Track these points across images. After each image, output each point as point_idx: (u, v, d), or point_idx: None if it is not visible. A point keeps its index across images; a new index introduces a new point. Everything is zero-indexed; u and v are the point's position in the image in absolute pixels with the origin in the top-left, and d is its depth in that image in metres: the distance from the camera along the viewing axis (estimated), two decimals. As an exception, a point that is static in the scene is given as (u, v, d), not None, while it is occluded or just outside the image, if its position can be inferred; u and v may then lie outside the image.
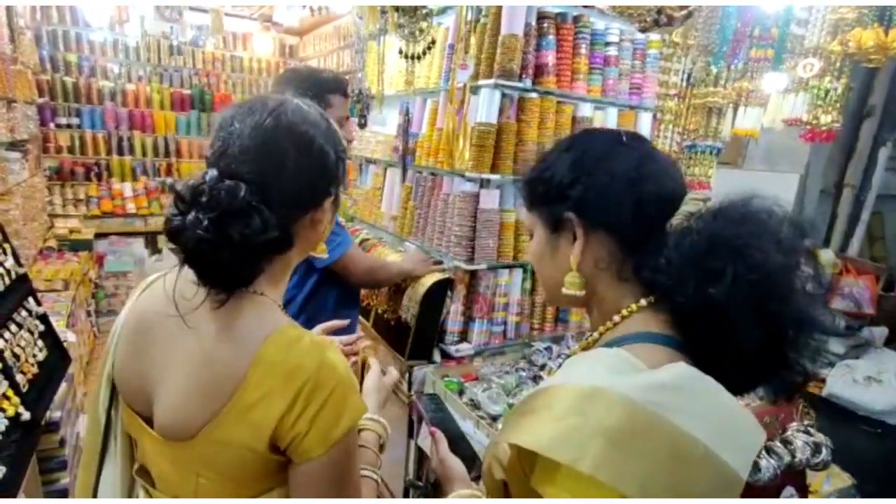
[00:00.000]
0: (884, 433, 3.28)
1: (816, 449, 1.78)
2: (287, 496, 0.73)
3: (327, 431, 0.67)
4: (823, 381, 3.72)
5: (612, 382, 0.55)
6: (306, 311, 1.57)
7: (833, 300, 3.87)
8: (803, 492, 1.88)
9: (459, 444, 0.96)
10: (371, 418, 0.92)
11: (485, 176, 1.80)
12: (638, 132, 0.84)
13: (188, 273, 0.70)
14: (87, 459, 0.86)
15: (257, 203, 0.67)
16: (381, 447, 0.91)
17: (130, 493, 0.85)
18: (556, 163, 0.73)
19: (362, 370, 1.14)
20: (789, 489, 1.82)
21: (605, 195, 0.67)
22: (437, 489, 1.83)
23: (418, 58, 1.94)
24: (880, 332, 3.89)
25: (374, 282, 1.85)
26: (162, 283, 0.78)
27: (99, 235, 4.51)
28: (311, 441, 0.67)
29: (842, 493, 2.33)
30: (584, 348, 0.74)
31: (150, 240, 4.96)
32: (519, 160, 1.84)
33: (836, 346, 3.78)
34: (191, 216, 0.65)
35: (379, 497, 0.84)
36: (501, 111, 1.78)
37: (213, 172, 0.68)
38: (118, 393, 0.81)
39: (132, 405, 0.78)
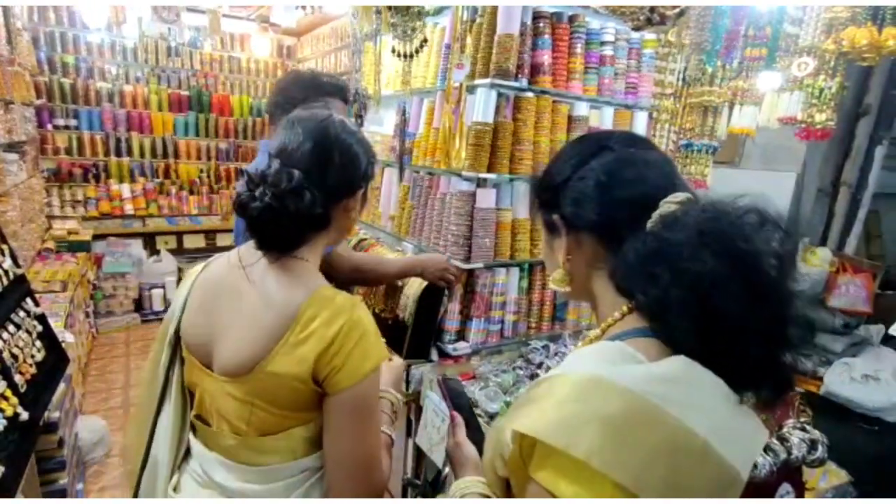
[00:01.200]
0: (881, 430, 3.29)
1: (812, 446, 1.80)
2: None
3: (357, 367, 0.85)
4: (821, 379, 3.74)
5: (613, 373, 0.55)
6: None
7: (830, 298, 3.88)
8: (799, 488, 1.89)
9: (475, 433, 0.97)
10: (384, 389, 1.08)
11: (481, 175, 1.80)
12: (636, 134, 0.88)
13: (244, 251, 0.97)
14: (142, 416, 1.05)
15: (308, 186, 0.88)
16: (395, 414, 1.09)
17: (182, 436, 1.05)
18: (550, 169, 0.80)
19: None
20: (786, 486, 1.83)
21: (578, 200, 0.72)
22: (434, 487, 1.83)
23: (411, 56, 1.94)
24: (877, 329, 3.90)
25: (363, 280, 1.82)
26: (225, 259, 1.01)
27: (97, 237, 4.51)
28: (344, 373, 0.85)
29: (838, 490, 2.35)
30: (589, 343, 0.75)
31: (149, 241, 4.95)
32: (515, 159, 1.84)
33: (833, 344, 3.80)
34: (258, 192, 0.87)
35: (390, 451, 1.01)
36: (498, 110, 1.79)
37: (276, 163, 0.90)
38: (177, 355, 1.04)
39: (197, 355, 0.98)
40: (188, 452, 1.05)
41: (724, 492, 0.55)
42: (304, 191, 0.88)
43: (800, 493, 1.88)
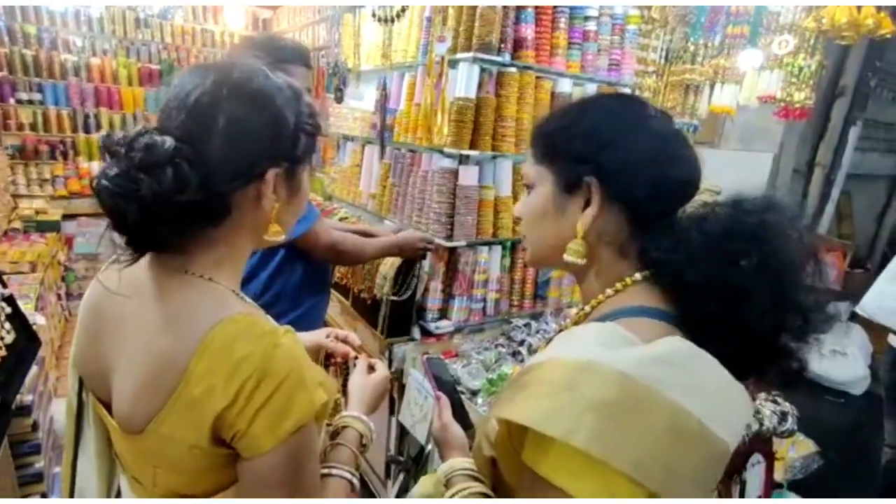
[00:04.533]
0: (847, 403, 3.44)
1: (783, 417, 1.86)
2: None
3: (268, 430, 0.61)
4: (791, 354, 3.86)
5: (606, 356, 0.54)
6: (272, 289, 1.53)
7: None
8: (770, 458, 1.96)
9: (460, 412, 0.96)
10: (353, 416, 0.88)
11: (464, 152, 1.78)
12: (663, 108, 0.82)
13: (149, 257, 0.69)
14: (66, 446, 0.83)
15: (180, 160, 0.61)
16: (364, 447, 0.86)
17: (111, 478, 0.82)
18: (582, 120, 0.69)
19: (346, 367, 1.10)
20: (757, 456, 1.90)
21: (630, 169, 0.65)
22: (417, 463, 1.85)
23: (392, 21, 1.88)
24: (846, 307, 4.04)
25: (341, 259, 1.73)
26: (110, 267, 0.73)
27: (67, 216, 4.35)
28: (253, 438, 0.62)
29: (806, 460, 2.45)
30: (576, 322, 0.74)
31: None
32: (498, 136, 1.82)
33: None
34: (110, 167, 0.61)
35: (350, 497, 0.80)
36: (480, 86, 1.76)
37: (141, 127, 0.64)
38: None
39: (95, 392, 0.75)
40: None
41: (715, 465, 0.56)
42: (166, 166, 0.60)
43: (770, 463, 1.95)
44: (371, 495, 2.30)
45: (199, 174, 0.62)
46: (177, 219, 0.62)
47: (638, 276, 0.67)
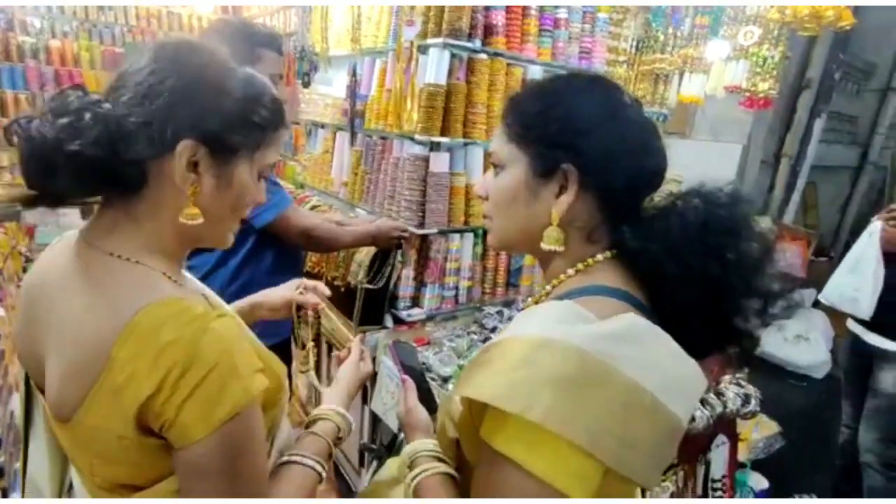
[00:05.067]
0: (808, 386, 3.57)
1: (746, 399, 1.92)
2: None
3: (199, 419, 0.58)
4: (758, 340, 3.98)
5: (564, 333, 0.55)
6: (241, 276, 1.51)
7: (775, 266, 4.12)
8: (733, 439, 2.02)
9: (427, 396, 0.96)
10: (333, 409, 0.88)
11: (434, 139, 1.76)
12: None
13: (71, 234, 0.68)
14: (21, 434, 0.80)
15: (84, 111, 0.59)
16: (339, 441, 0.86)
17: (64, 466, 0.78)
18: (561, 104, 0.67)
19: (318, 319, 1.12)
20: (721, 437, 1.96)
21: (609, 158, 0.65)
22: (390, 451, 1.85)
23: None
24: (809, 293, 4.18)
25: (315, 245, 1.72)
26: (62, 242, 0.71)
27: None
28: (182, 427, 0.58)
29: (769, 440, 2.53)
30: (538, 301, 0.75)
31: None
32: (469, 123, 1.81)
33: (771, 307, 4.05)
34: (38, 118, 0.60)
35: (313, 489, 0.78)
36: (451, 72, 1.74)
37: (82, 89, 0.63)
38: None
39: (34, 378, 0.72)
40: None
41: (668, 439, 0.58)
42: (69, 115, 0.59)
43: (734, 444, 2.01)
44: (346, 484, 2.30)
45: (105, 130, 0.59)
46: (77, 172, 0.59)
47: (600, 256, 0.68)
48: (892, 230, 1.83)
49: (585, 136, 0.65)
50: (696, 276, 0.61)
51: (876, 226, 1.87)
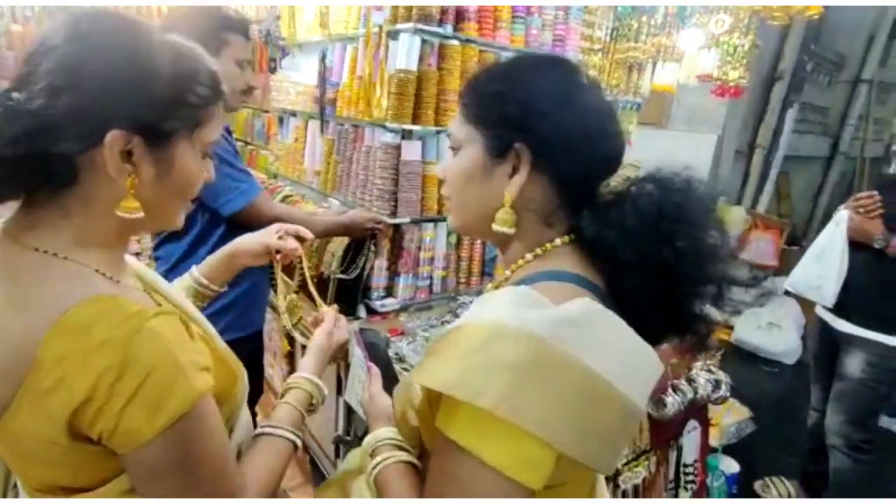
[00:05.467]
0: (780, 372, 3.65)
1: (717, 385, 1.94)
2: None
3: (146, 423, 0.55)
4: (732, 327, 4.07)
5: (518, 319, 0.54)
6: None
7: (743, 253, 4.19)
8: (705, 424, 2.05)
9: (391, 385, 0.95)
10: (304, 377, 0.87)
11: (406, 127, 1.74)
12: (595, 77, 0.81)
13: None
14: None
15: (14, 101, 0.54)
16: (313, 408, 0.86)
17: (7, 478, 0.75)
18: (518, 84, 0.66)
19: (302, 268, 1.10)
20: (693, 422, 1.98)
21: (563, 141, 0.65)
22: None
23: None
24: (781, 281, 4.26)
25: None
26: None
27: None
28: (125, 435, 0.55)
29: (740, 425, 2.58)
30: (497, 287, 0.74)
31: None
32: (441, 110, 1.79)
33: (744, 295, 4.13)
34: None
35: (287, 458, 0.78)
36: (422, 58, 1.71)
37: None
38: None
39: None
40: None
41: (623, 425, 0.57)
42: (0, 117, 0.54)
43: (705, 429, 2.04)
44: (322, 476, 2.28)
45: (21, 127, 0.53)
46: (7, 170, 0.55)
47: (558, 241, 0.68)
48: (858, 219, 1.86)
49: (539, 117, 0.64)
50: (651, 263, 0.61)
51: (842, 215, 1.90)
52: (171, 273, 1.39)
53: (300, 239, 1.12)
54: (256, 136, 3.07)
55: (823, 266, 1.92)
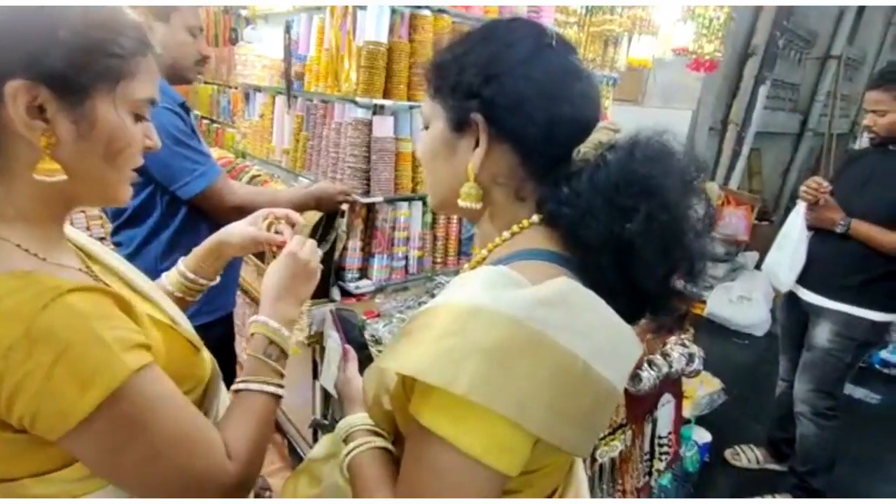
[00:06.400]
0: (750, 344, 3.76)
1: (690, 359, 1.97)
2: None
3: (71, 404, 0.51)
4: (705, 302, 4.16)
5: (494, 300, 0.52)
6: (176, 251, 1.40)
7: (715, 229, 4.28)
8: (679, 397, 2.09)
9: (367, 364, 0.92)
10: (254, 320, 0.77)
11: (377, 101, 1.68)
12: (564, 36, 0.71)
13: None
14: None
15: None
16: (273, 345, 0.76)
17: None
18: (472, 50, 0.63)
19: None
20: (667, 395, 2.02)
21: (518, 105, 0.60)
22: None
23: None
24: (752, 256, 4.37)
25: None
26: None
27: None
28: (48, 419, 0.51)
29: (712, 396, 2.64)
30: (473, 267, 0.70)
31: None
32: (413, 85, 1.73)
33: (715, 270, 4.22)
34: None
35: (266, 408, 0.72)
36: (392, 30, 1.65)
37: None
38: None
39: None
40: None
41: (601, 405, 0.56)
42: None
43: (679, 402, 2.08)
44: (300, 460, 2.25)
45: None
46: None
47: (535, 218, 0.64)
48: (812, 212, 1.90)
49: (492, 83, 0.60)
50: (609, 240, 0.57)
51: (802, 205, 1.94)
52: (135, 258, 1.32)
53: (292, 224, 1.01)
54: (222, 113, 2.94)
55: (780, 253, 1.98)
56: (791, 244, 1.93)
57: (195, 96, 3.33)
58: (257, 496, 1.93)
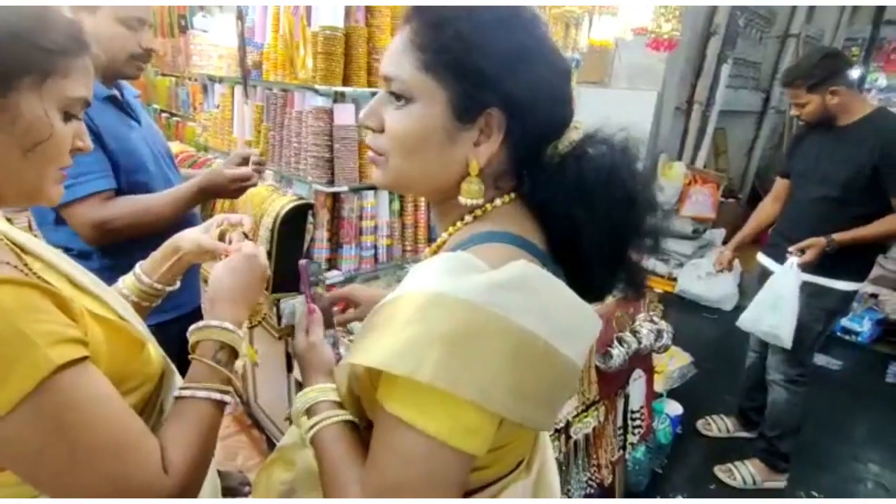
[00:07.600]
0: (719, 318, 3.86)
1: (658, 335, 2.01)
2: None
3: None
4: (675, 279, 4.25)
5: (454, 286, 0.52)
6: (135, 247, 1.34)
7: (683, 208, 4.35)
8: (649, 372, 2.13)
9: (329, 321, 0.88)
10: (198, 326, 0.74)
11: (337, 89, 1.65)
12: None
13: None
14: None
15: None
16: (234, 355, 0.73)
17: None
18: (493, 34, 0.57)
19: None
20: (638, 371, 2.06)
21: (535, 105, 0.59)
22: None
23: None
24: (719, 233, 4.47)
25: (121, 236, 1.25)
26: None
27: None
28: None
29: (682, 370, 2.71)
30: (434, 252, 0.71)
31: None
32: (373, 70, 1.70)
33: (684, 247, 4.31)
34: None
35: (211, 416, 0.68)
36: (348, 14, 1.61)
37: None
38: None
39: None
40: None
41: (562, 383, 0.58)
42: None
43: (650, 377, 2.13)
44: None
45: None
46: None
47: (498, 202, 0.65)
48: (807, 262, 1.91)
49: (516, 75, 0.57)
50: (604, 221, 0.61)
51: (791, 261, 1.95)
52: (81, 261, 1.24)
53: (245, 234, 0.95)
54: (181, 106, 2.85)
55: (779, 316, 1.98)
56: (787, 304, 1.95)
57: (153, 90, 3.22)
58: (238, 494, 1.91)
